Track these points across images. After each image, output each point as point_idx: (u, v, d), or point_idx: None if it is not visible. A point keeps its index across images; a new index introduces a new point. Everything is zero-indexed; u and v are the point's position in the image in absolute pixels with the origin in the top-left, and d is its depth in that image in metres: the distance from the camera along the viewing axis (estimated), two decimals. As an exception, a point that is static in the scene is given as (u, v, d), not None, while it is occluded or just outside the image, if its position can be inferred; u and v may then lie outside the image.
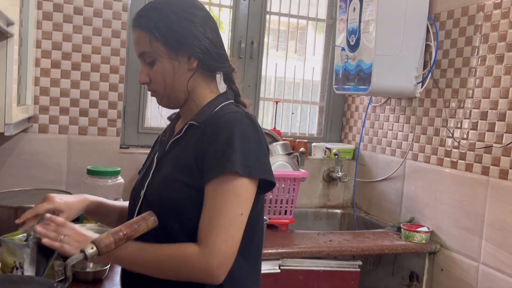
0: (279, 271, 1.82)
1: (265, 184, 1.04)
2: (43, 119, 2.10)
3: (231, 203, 0.98)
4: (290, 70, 2.72)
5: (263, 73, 2.62)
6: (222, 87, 1.19)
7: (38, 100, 2.09)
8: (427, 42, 2.14)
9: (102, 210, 1.22)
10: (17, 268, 0.92)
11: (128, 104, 2.30)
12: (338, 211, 2.66)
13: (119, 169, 1.85)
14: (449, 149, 2.01)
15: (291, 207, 2.12)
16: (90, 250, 0.93)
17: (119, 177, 1.75)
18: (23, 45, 1.90)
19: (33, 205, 1.56)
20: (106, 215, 1.24)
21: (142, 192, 1.11)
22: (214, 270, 0.96)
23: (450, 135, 2.00)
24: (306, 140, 2.62)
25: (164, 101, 1.13)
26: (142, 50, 1.08)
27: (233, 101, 1.14)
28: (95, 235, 1.00)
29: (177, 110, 1.23)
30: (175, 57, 1.07)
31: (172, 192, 1.04)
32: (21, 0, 1.68)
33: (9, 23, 1.48)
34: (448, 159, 2.01)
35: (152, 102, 2.43)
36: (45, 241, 0.96)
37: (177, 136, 1.11)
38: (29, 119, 2.07)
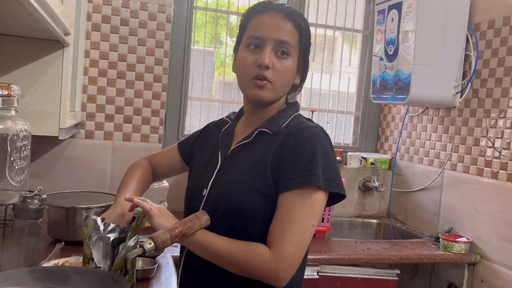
0: (317, 277, 1.84)
1: (335, 196, 1.08)
2: (89, 125, 2.19)
3: (307, 213, 1.02)
4: (325, 81, 2.75)
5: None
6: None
7: (86, 107, 2.18)
8: (467, 52, 2.14)
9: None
10: (92, 260, 0.96)
11: (168, 111, 2.37)
12: (374, 221, 2.65)
13: (163, 173, 1.91)
14: (490, 159, 1.99)
15: (329, 214, 2.14)
16: (148, 245, 0.98)
17: (164, 181, 1.81)
18: (74, 55, 2.00)
19: (83, 206, 1.65)
20: None
21: (205, 191, 1.14)
22: (281, 273, 1.00)
23: (491, 145, 1.99)
24: (341, 150, 2.64)
25: (270, 93, 1.11)
26: (287, 39, 1.09)
27: (299, 112, 1.19)
28: (174, 220, 1.05)
29: (236, 111, 1.28)
30: (297, 64, 1.14)
31: (240, 194, 1.08)
32: (76, 11, 1.77)
33: (66, 33, 1.57)
34: (489, 169, 1.99)
35: (191, 110, 2.50)
36: (136, 200, 1.04)
37: (245, 141, 1.14)
38: (76, 125, 2.17)
